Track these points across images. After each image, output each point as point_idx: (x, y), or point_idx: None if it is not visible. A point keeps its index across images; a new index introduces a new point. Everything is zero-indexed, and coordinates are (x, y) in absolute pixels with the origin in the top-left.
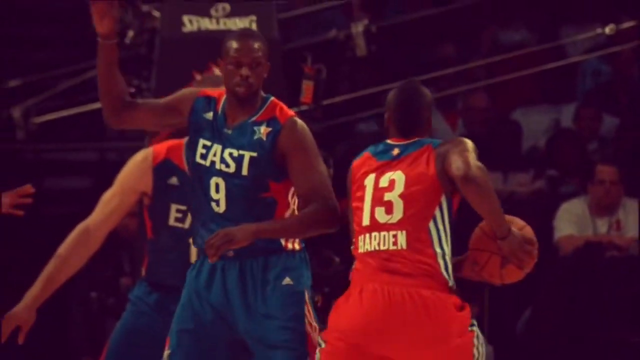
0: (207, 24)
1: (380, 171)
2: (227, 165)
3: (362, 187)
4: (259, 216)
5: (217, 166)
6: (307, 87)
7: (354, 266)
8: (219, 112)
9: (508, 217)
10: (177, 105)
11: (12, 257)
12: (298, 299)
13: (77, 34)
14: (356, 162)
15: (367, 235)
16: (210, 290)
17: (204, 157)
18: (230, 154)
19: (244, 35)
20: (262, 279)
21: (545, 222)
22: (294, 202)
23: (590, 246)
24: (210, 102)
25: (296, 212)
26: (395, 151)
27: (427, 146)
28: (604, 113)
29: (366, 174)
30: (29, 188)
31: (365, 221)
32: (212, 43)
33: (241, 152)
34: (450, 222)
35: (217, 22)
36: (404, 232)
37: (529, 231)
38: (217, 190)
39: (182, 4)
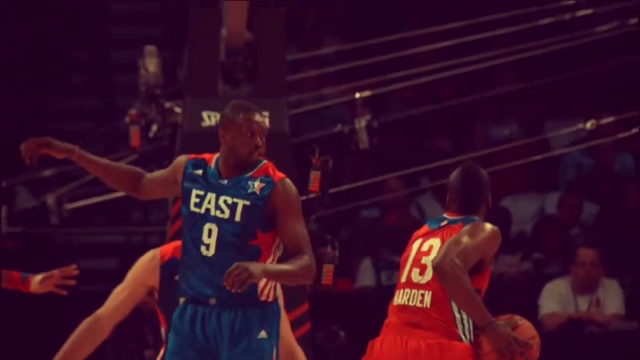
0: None
1: (426, 237)
2: (222, 212)
3: (410, 249)
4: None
5: (212, 212)
6: (315, 177)
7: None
8: (212, 167)
9: (524, 324)
10: (173, 175)
11: (42, 332)
12: (270, 351)
13: (101, 131)
14: (417, 232)
15: (402, 290)
16: (194, 335)
17: (198, 205)
18: (225, 201)
19: (255, 109)
20: (239, 330)
21: (531, 301)
22: (275, 253)
23: (572, 322)
24: (200, 162)
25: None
26: (444, 222)
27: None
28: (585, 201)
29: (416, 238)
30: (73, 269)
31: (403, 278)
32: None
33: (235, 199)
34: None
35: None
36: (431, 292)
37: (533, 338)
38: (210, 235)
39: (201, 101)
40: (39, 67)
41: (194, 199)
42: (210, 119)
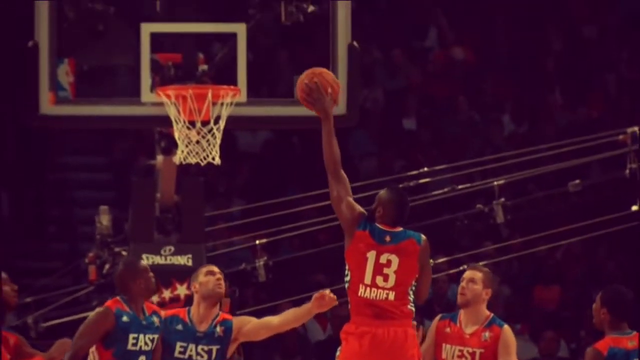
0: (158, 259)
1: (379, 250)
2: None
3: (364, 256)
4: None
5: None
6: (226, 302)
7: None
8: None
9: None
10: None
11: None
12: None
13: (68, 269)
14: (358, 231)
15: (367, 288)
16: None
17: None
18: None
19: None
20: None
21: None
22: None
23: None
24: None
25: None
26: (388, 238)
27: (411, 240)
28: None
29: (368, 248)
30: None
31: (367, 280)
32: (161, 272)
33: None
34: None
35: (165, 259)
36: (394, 292)
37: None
38: None
39: (141, 246)
40: (20, 221)
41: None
42: (148, 259)
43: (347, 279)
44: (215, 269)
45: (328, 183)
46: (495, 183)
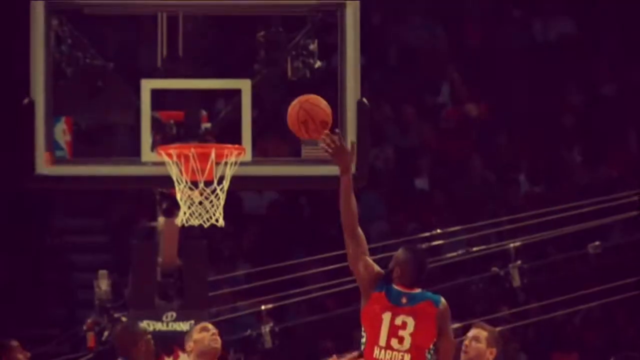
0: (159, 326)
1: (395, 312)
2: None
3: (379, 318)
4: None
5: None
6: None
7: None
8: None
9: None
10: None
11: None
12: None
13: (66, 336)
14: (375, 292)
15: (382, 350)
16: None
17: None
18: None
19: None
20: None
21: None
22: None
23: None
24: None
25: None
26: (404, 299)
27: (428, 302)
28: None
29: (383, 309)
30: None
31: (382, 342)
32: (163, 339)
33: None
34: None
35: (167, 325)
36: (409, 355)
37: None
38: None
39: (142, 313)
40: (16, 286)
41: None
42: (149, 325)
43: (363, 340)
44: (209, 325)
45: (344, 241)
46: (512, 245)
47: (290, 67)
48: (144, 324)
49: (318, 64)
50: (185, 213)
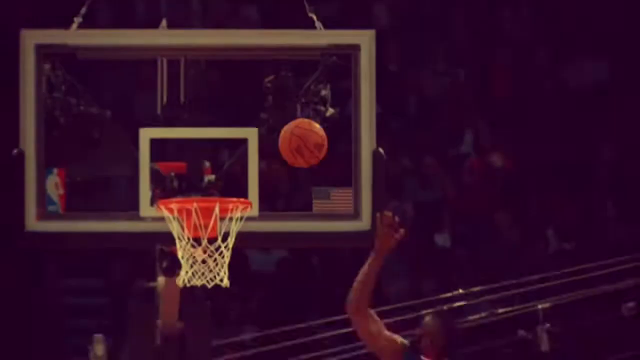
0: None
1: None
2: None
3: None
4: None
5: None
6: None
7: None
8: None
9: None
10: None
11: None
12: None
13: None
14: None
15: None
16: None
17: None
18: None
19: None
20: None
21: None
22: None
23: None
24: None
25: None
26: None
27: None
28: None
29: None
30: None
31: None
32: None
33: None
34: None
35: None
36: None
37: None
38: None
39: None
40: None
41: None
42: None
43: None
44: None
45: (351, 318)
46: (540, 306)
47: (300, 115)
48: None
49: (330, 111)
50: (187, 272)
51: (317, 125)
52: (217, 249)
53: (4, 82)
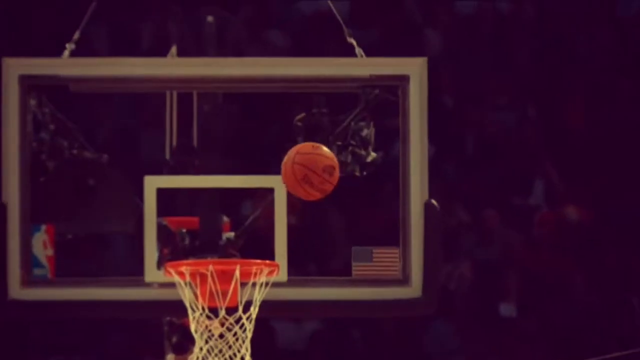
0: None
1: None
2: None
3: None
4: None
5: None
6: None
7: None
8: None
9: None
10: None
11: None
12: None
13: None
14: None
15: None
16: None
17: None
18: None
19: None
20: None
21: None
22: None
23: None
24: None
25: None
26: None
27: None
28: None
29: None
30: None
31: None
32: None
33: None
34: None
35: None
36: None
37: None
38: None
39: None
40: None
41: None
42: None
43: None
44: None
45: None
46: None
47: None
48: None
49: (372, 155)
50: (201, 349)
51: (323, 147)
52: (237, 321)
53: None
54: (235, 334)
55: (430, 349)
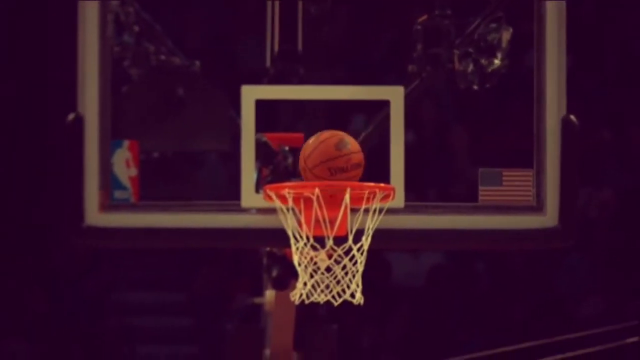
0: None
1: None
2: None
3: None
4: None
5: None
6: None
7: None
8: None
9: None
10: None
11: None
12: None
13: None
14: None
15: None
16: None
17: None
18: None
19: None
20: None
21: None
22: None
23: None
24: None
25: None
26: None
27: None
28: None
29: None
30: None
31: None
32: None
33: None
34: None
35: None
36: None
37: None
38: None
39: None
40: None
41: None
42: None
43: None
44: None
45: None
46: None
47: (459, 72)
48: None
49: (495, 63)
50: (305, 284)
51: (309, 141)
52: (347, 253)
53: (57, 24)
54: (344, 267)
55: (563, 288)
